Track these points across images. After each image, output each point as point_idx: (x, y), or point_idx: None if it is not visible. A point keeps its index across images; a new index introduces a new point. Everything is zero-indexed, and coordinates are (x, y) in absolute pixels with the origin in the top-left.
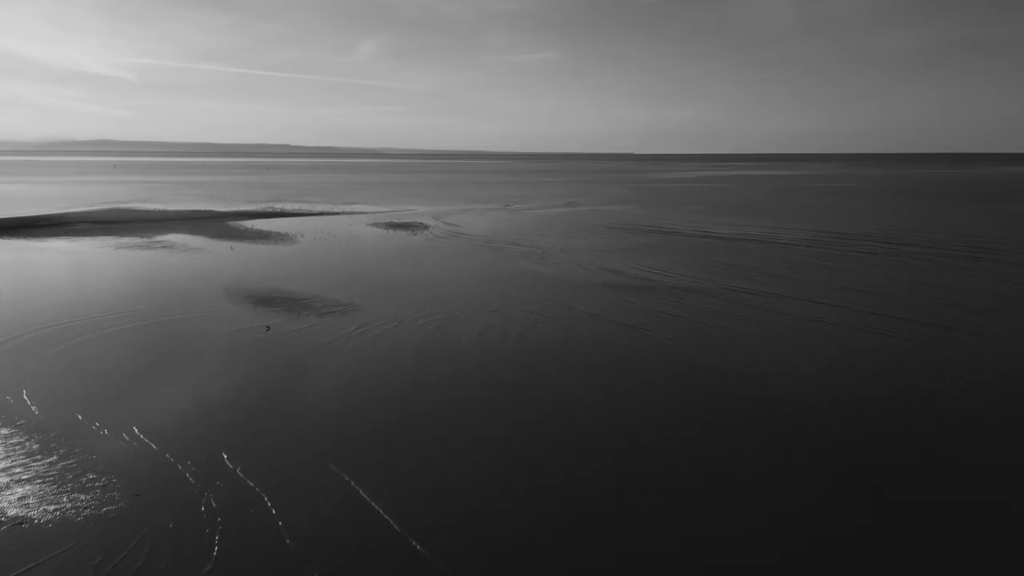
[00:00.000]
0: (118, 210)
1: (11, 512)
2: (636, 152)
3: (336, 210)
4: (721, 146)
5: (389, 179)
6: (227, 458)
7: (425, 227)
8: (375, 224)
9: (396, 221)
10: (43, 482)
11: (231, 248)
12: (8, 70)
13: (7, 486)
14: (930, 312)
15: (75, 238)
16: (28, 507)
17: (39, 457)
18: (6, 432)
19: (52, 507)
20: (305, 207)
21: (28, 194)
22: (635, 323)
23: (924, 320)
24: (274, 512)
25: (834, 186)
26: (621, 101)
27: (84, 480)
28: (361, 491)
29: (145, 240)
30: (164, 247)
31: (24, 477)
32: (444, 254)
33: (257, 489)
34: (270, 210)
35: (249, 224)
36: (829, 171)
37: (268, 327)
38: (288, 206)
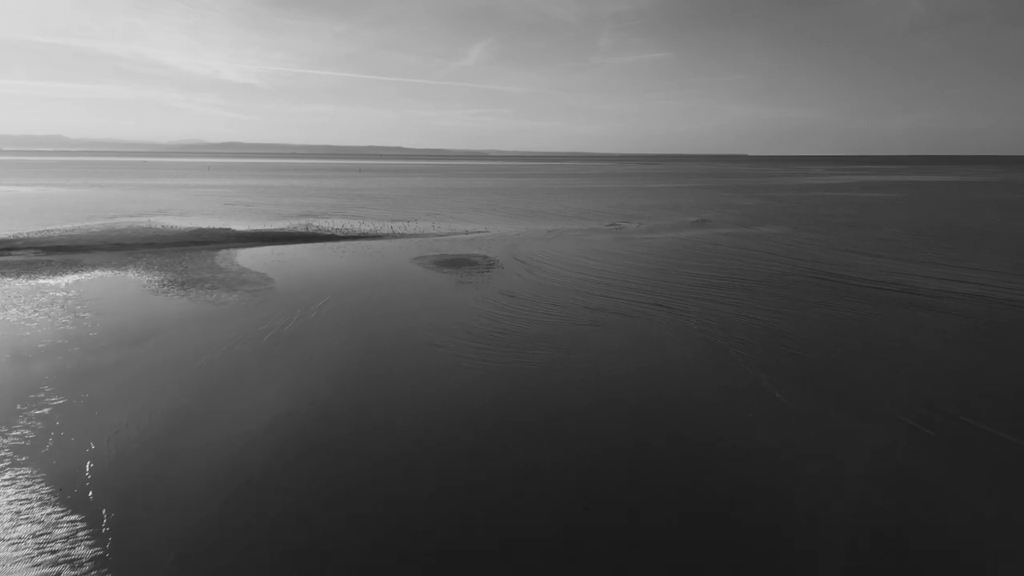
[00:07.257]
0: (108, 230)
1: None
2: (750, 153)
3: (383, 231)
4: (840, 147)
5: (481, 184)
6: None
7: (490, 265)
8: (419, 259)
9: (450, 254)
10: None
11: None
12: (150, 77)
13: None
14: None
15: None
16: None
17: None
18: None
19: None
20: (347, 226)
21: (68, 200)
22: None
23: None
24: None
25: None
26: (732, 101)
27: None
28: None
29: (43, 287)
30: (42, 306)
31: None
32: (502, 341)
33: None
34: (297, 230)
35: (243, 255)
36: (996, 177)
37: None
38: (325, 224)
